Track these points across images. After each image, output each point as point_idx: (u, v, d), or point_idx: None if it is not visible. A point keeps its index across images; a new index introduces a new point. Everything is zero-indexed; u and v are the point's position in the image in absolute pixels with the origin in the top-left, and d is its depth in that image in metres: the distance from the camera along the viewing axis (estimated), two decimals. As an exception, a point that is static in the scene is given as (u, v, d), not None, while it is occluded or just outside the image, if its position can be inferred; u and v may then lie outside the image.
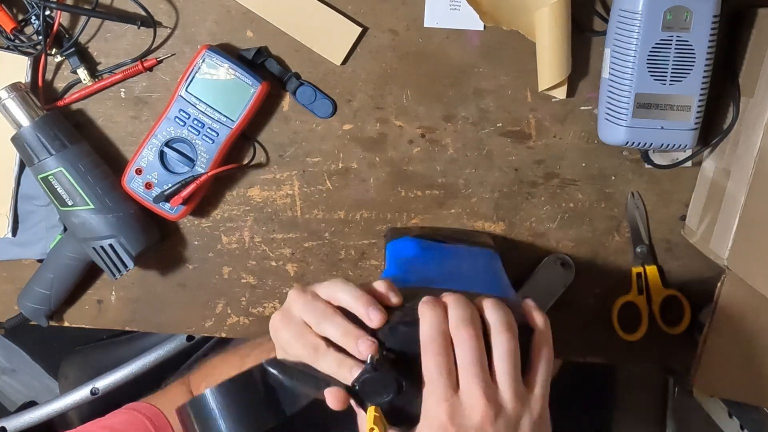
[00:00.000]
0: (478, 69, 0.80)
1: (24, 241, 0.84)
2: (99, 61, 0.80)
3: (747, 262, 0.71)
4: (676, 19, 0.70)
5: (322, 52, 0.79)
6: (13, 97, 0.75)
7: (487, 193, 0.84)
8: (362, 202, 0.84)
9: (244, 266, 0.87)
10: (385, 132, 0.82)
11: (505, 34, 0.78)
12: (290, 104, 0.81)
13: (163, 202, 0.79)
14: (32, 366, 1.63)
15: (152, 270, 0.87)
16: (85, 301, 0.88)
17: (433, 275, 0.71)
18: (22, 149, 0.77)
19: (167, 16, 0.79)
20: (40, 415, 1.08)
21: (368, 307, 0.57)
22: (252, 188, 0.84)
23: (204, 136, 0.78)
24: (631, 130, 0.73)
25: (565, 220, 0.85)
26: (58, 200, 0.78)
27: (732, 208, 0.73)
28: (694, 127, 0.74)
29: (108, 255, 0.79)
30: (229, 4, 0.78)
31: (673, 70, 0.71)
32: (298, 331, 0.59)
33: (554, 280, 0.85)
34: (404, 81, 0.80)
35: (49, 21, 0.76)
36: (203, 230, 0.86)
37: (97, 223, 0.78)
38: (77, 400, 1.07)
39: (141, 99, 0.81)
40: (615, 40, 0.73)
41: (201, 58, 0.76)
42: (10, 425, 1.10)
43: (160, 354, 1.07)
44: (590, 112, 0.81)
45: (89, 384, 1.06)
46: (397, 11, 0.78)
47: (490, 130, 0.82)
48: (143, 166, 0.79)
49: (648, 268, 0.83)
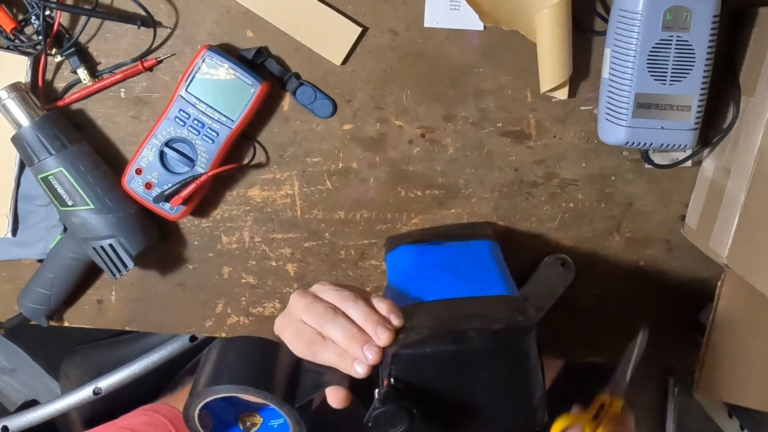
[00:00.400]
0: (478, 69, 0.80)
1: (24, 241, 0.84)
2: (99, 61, 0.80)
3: (747, 261, 0.71)
4: (676, 19, 0.70)
5: (322, 52, 0.79)
6: (13, 97, 0.75)
7: (487, 193, 0.84)
8: (362, 202, 0.84)
9: (244, 266, 0.87)
10: (385, 132, 0.82)
11: (505, 34, 0.78)
12: (290, 104, 0.81)
13: (163, 202, 0.79)
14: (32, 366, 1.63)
15: (152, 270, 0.87)
16: (85, 301, 0.88)
17: (434, 279, 0.71)
18: (22, 149, 0.77)
19: (167, 16, 0.79)
20: (42, 414, 1.08)
21: (377, 326, 0.56)
22: (252, 188, 0.84)
23: (204, 136, 0.78)
24: (631, 130, 0.73)
25: (565, 220, 0.85)
26: (58, 200, 0.78)
27: (732, 208, 0.73)
28: (694, 127, 0.74)
29: (108, 255, 0.79)
30: (229, 4, 0.78)
31: (673, 70, 0.71)
32: (298, 329, 0.59)
33: (554, 280, 0.85)
34: (404, 81, 0.80)
35: (49, 21, 0.76)
36: (203, 230, 0.86)
37: (97, 223, 0.78)
38: (80, 399, 1.07)
39: (141, 99, 0.81)
40: (615, 40, 0.73)
41: (201, 58, 0.76)
42: (12, 424, 1.10)
43: (163, 354, 1.06)
44: (590, 112, 0.81)
45: (92, 384, 1.06)
46: (397, 11, 0.78)
47: (490, 130, 0.82)
48: (143, 166, 0.79)
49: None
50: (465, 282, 0.70)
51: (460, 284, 0.69)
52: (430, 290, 0.68)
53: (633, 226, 0.85)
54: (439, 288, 0.68)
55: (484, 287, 0.68)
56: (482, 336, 0.58)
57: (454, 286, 0.68)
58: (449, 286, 0.68)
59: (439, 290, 0.67)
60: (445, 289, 0.67)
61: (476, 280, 0.71)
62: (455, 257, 0.77)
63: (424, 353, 0.57)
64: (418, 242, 0.79)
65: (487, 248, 0.77)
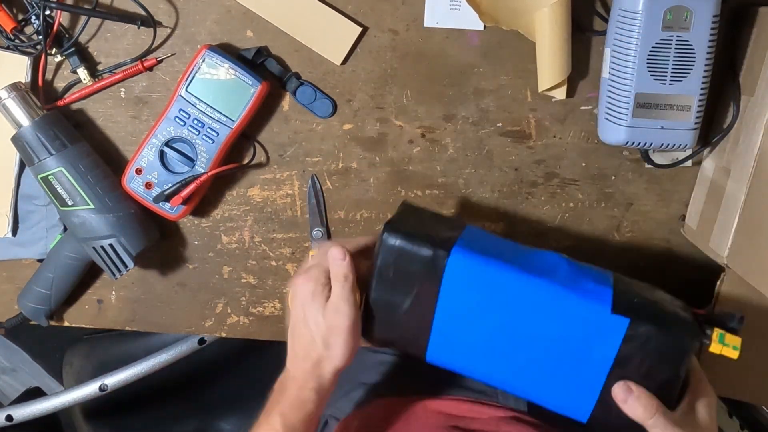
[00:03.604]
0: (478, 69, 0.80)
1: (24, 241, 0.84)
2: (99, 61, 0.80)
3: (747, 261, 0.71)
4: (676, 18, 0.70)
5: (322, 52, 0.79)
6: (13, 97, 0.75)
7: (487, 193, 0.84)
8: (362, 202, 0.84)
9: (244, 266, 0.87)
10: (385, 132, 0.82)
11: (505, 34, 0.78)
12: (290, 104, 0.81)
13: (163, 202, 0.79)
14: (32, 366, 1.63)
15: (152, 270, 0.87)
16: (85, 301, 0.88)
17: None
18: (22, 149, 0.77)
19: (167, 16, 0.79)
20: (47, 407, 1.09)
21: (330, 248, 0.66)
22: (252, 188, 0.84)
23: (204, 135, 0.78)
24: (631, 129, 0.73)
25: (565, 220, 0.85)
26: (58, 200, 0.78)
27: (732, 207, 0.73)
28: (694, 126, 0.74)
29: (108, 255, 0.79)
30: (229, 4, 0.78)
31: (673, 69, 0.71)
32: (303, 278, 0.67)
33: (554, 280, 0.85)
34: (404, 81, 0.80)
35: (49, 21, 0.76)
36: (203, 230, 0.86)
37: (97, 223, 0.78)
38: (85, 395, 1.07)
39: (141, 99, 0.81)
40: (615, 40, 0.73)
41: (201, 58, 0.76)
42: (16, 414, 1.10)
43: (172, 355, 1.07)
44: (590, 112, 0.81)
45: (98, 380, 1.06)
46: (397, 11, 0.78)
47: (490, 130, 0.82)
48: (143, 165, 0.79)
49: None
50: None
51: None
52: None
53: (633, 226, 0.85)
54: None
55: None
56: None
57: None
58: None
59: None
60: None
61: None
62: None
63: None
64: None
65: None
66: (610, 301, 0.61)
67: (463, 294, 0.64)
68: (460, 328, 0.65)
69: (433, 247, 0.63)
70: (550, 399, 0.66)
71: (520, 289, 0.62)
